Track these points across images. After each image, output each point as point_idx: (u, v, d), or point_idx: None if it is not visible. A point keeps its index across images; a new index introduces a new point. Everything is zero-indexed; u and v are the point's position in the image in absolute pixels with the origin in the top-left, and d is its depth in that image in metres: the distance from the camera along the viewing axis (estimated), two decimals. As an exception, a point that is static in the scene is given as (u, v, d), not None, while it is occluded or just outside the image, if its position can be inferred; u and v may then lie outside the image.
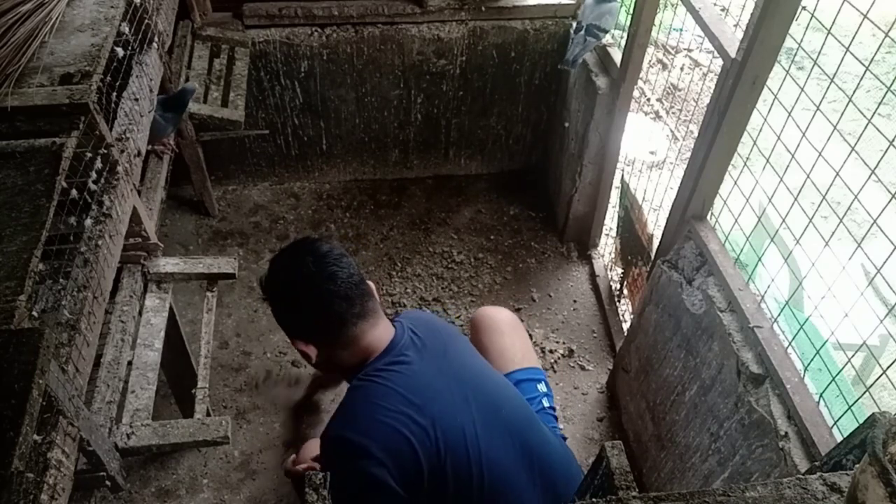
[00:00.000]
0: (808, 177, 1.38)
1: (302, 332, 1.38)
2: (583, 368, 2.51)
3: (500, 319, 1.78)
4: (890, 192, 1.18)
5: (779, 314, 1.57)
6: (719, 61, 1.59)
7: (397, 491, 1.21)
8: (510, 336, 1.75)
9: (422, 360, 1.34)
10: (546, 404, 1.65)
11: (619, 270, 2.71)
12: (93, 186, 1.35)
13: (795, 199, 1.43)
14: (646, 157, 3.24)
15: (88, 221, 1.33)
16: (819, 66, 1.34)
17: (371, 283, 1.44)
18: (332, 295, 1.32)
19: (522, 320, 2.62)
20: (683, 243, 1.86)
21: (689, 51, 4.31)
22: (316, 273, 1.33)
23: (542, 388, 1.68)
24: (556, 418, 1.67)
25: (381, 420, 1.23)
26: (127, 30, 1.58)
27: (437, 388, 1.31)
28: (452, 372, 1.35)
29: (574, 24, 2.48)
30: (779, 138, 1.45)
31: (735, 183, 1.66)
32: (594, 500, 0.91)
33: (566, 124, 2.80)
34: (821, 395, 1.42)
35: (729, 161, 1.67)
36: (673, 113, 3.81)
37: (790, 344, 1.53)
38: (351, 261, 1.38)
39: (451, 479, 1.26)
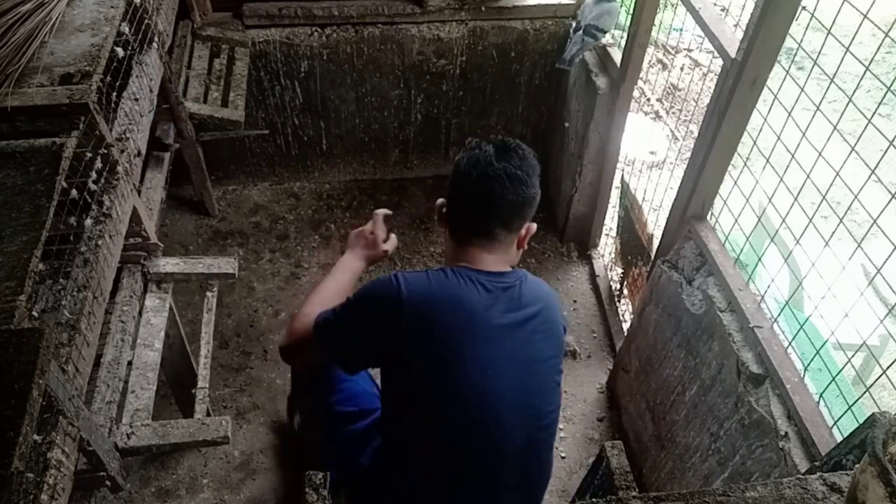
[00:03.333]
0: (808, 177, 1.38)
1: (448, 201, 1.35)
2: (583, 369, 2.51)
3: None
4: (890, 192, 1.18)
5: (779, 314, 1.57)
6: (719, 61, 1.59)
7: (379, 342, 1.25)
8: None
9: (493, 310, 1.25)
10: None
11: (619, 270, 2.71)
12: (93, 186, 1.35)
13: (795, 199, 1.43)
14: (646, 157, 3.24)
15: (88, 221, 1.33)
16: (819, 66, 1.34)
17: (529, 226, 1.34)
18: (477, 186, 1.26)
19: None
20: (683, 243, 1.86)
21: (689, 51, 4.31)
22: (488, 163, 1.25)
23: None
24: None
25: (430, 295, 1.23)
26: (127, 30, 1.58)
27: (485, 337, 1.24)
28: (512, 346, 1.26)
29: (573, 24, 2.49)
30: (779, 138, 1.45)
31: (735, 183, 1.66)
32: (594, 500, 0.91)
33: (566, 124, 2.80)
34: (821, 395, 1.42)
35: (729, 161, 1.67)
36: (673, 113, 3.81)
37: (790, 344, 1.53)
38: (527, 190, 1.27)
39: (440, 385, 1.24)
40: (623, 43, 2.31)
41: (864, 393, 1.31)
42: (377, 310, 1.26)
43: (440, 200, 1.37)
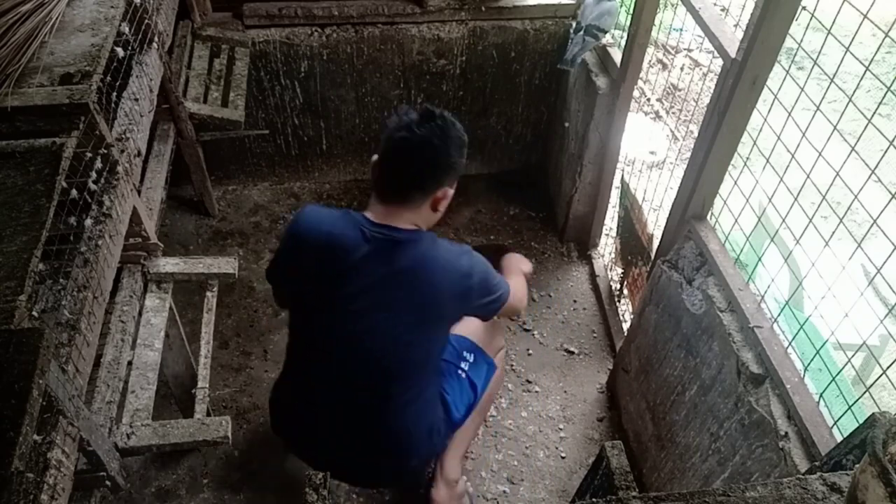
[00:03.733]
0: (808, 177, 1.38)
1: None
2: (583, 369, 2.51)
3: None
4: (890, 192, 1.18)
5: (779, 314, 1.57)
6: (719, 61, 1.59)
7: (283, 265, 1.53)
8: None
9: (363, 255, 1.39)
10: (462, 372, 1.78)
11: (619, 270, 2.71)
12: (93, 186, 1.35)
13: (795, 199, 1.43)
14: (646, 157, 3.24)
15: (88, 221, 1.33)
16: (819, 66, 1.33)
17: (445, 191, 1.44)
18: (394, 148, 1.39)
19: (524, 321, 2.63)
20: (683, 243, 1.86)
21: (689, 51, 4.32)
22: (408, 128, 1.37)
23: (467, 357, 1.82)
24: (472, 386, 1.79)
25: (312, 227, 1.45)
26: (127, 30, 1.58)
27: (339, 272, 1.41)
28: (372, 297, 1.42)
29: (574, 24, 2.49)
30: (779, 138, 1.45)
31: (735, 183, 1.66)
32: (594, 500, 0.91)
33: (566, 124, 2.80)
34: (821, 395, 1.42)
35: (729, 161, 1.67)
36: (673, 113, 3.81)
37: (790, 344, 1.53)
38: (440, 157, 1.39)
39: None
40: (623, 43, 2.31)
41: (864, 393, 1.31)
42: (284, 242, 1.52)
43: (374, 157, 1.47)
